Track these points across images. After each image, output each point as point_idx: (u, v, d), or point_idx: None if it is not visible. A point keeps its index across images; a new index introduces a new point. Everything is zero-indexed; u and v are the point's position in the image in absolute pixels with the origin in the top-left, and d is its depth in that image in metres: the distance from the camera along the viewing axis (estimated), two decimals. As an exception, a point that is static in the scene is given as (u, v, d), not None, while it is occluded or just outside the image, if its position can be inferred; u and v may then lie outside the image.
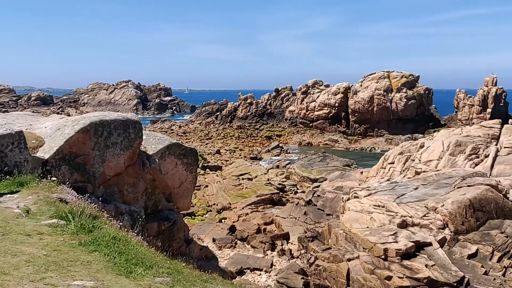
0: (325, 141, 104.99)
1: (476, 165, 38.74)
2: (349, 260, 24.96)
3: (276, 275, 27.85)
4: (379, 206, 29.58)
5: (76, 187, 12.07)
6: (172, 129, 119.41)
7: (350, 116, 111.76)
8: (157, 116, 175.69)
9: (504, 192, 30.96)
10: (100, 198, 12.35)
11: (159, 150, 16.31)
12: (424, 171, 37.68)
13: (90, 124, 13.18)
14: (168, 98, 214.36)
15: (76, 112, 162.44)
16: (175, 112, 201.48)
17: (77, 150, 12.90)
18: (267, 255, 33.46)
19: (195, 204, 47.00)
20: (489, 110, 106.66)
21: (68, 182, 11.98)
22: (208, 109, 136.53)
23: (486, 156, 39.65)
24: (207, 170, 63.67)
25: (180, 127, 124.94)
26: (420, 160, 40.92)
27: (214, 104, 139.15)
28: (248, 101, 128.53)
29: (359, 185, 40.17)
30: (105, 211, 11.01)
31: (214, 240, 36.16)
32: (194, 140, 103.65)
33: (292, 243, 35.00)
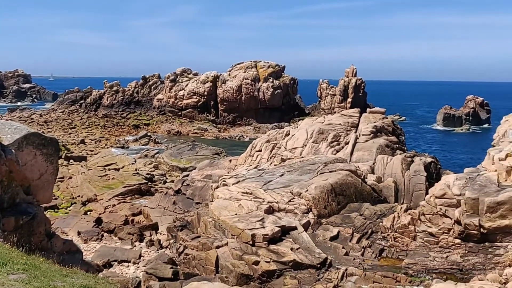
0: (194, 130, 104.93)
1: (338, 151, 40.72)
2: (218, 247, 25.19)
3: (145, 266, 27.42)
4: (247, 193, 30.13)
5: None
6: (32, 118, 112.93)
7: (219, 105, 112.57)
8: (15, 104, 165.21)
9: (362, 177, 32.88)
10: None
11: (15, 140, 15.27)
12: (289, 158, 38.95)
13: None
14: (27, 85, 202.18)
15: None
16: (35, 100, 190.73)
17: None
18: (135, 246, 32.85)
19: (58, 196, 44.91)
20: (349, 99, 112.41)
21: None
22: (71, 97, 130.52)
23: (346, 143, 41.80)
24: (71, 161, 61.07)
25: (41, 115, 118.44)
26: (285, 148, 42.21)
27: (78, 91, 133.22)
28: (114, 88, 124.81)
29: (228, 173, 40.66)
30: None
31: (79, 233, 34.86)
32: (56, 129, 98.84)
33: (161, 233, 34.66)
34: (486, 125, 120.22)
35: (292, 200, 29.01)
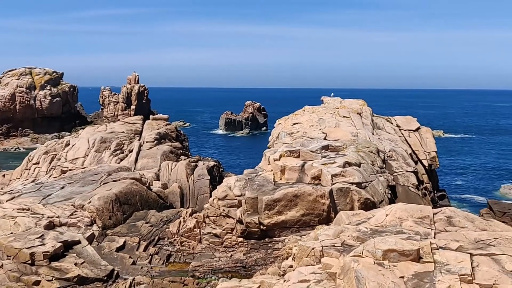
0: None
1: (122, 160, 40.12)
2: (-9, 271, 23.05)
3: None
4: (23, 209, 28.18)
5: None
6: None
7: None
8: None
9: (147, 184, 32.80)
10: None
11: None
12: (70, 170, 37.34)
13: None
14: None
15: None
16: None
17: None
18: None
19: None
20: (133, 106, 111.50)
21: None
22: None
23: (130, 151, 41.39)
24: None
25: None
26: (66, 159, 40.44)
27: None
28: None
29: (2, 189, 37.59)
30: None
31: None
32: None
33: None
34: (263, 129, 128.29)
35: (74, 213, 27.83)
